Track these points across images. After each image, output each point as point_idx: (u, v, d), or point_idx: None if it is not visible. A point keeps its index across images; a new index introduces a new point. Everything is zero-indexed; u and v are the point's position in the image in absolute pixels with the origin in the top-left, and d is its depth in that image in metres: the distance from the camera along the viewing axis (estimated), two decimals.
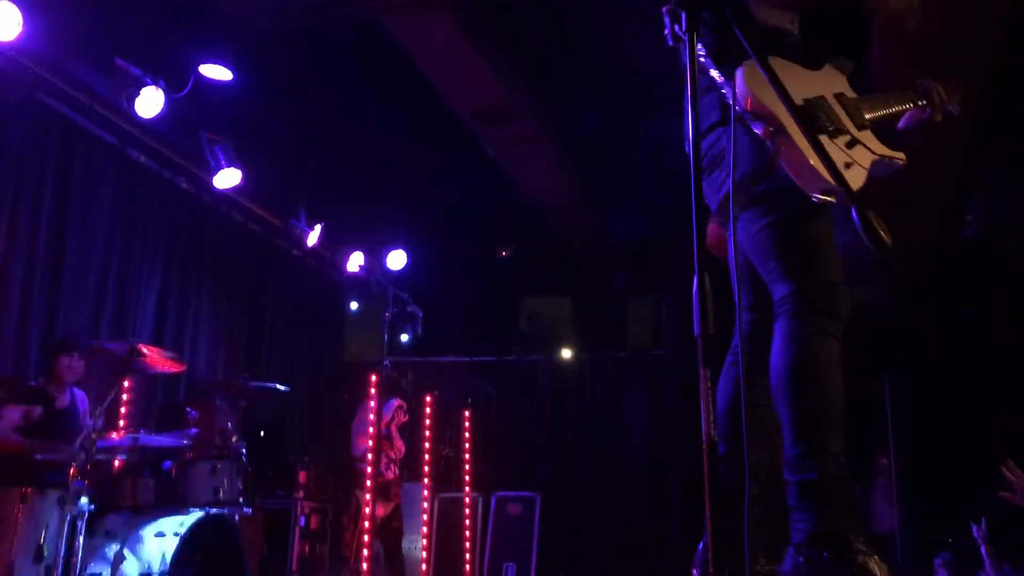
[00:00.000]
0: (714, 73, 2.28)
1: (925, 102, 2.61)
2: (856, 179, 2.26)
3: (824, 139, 2.25)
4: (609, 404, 9.72)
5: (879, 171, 2.34)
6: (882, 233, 1.64)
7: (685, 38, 1.68)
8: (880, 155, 2.35)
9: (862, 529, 2.13)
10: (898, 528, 7.79)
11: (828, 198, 2.19)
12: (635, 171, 7.46)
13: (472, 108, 6.63)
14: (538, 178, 7.83)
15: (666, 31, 1.78)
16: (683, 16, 1.66)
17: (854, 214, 1.64)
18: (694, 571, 2.39)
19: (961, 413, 7.60)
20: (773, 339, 2.33)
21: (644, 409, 9.52)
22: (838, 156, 2.24)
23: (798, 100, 2.25)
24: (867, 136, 2.38)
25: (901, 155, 2.40)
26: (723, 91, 2.28)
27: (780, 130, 2.18)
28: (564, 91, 6.51)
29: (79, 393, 5.35)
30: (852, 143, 2.33)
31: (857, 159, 2.31)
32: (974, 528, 6.68)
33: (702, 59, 2.28)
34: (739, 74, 2.25)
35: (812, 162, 2.14)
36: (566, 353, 10.09)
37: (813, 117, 2.28)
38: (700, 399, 1.62)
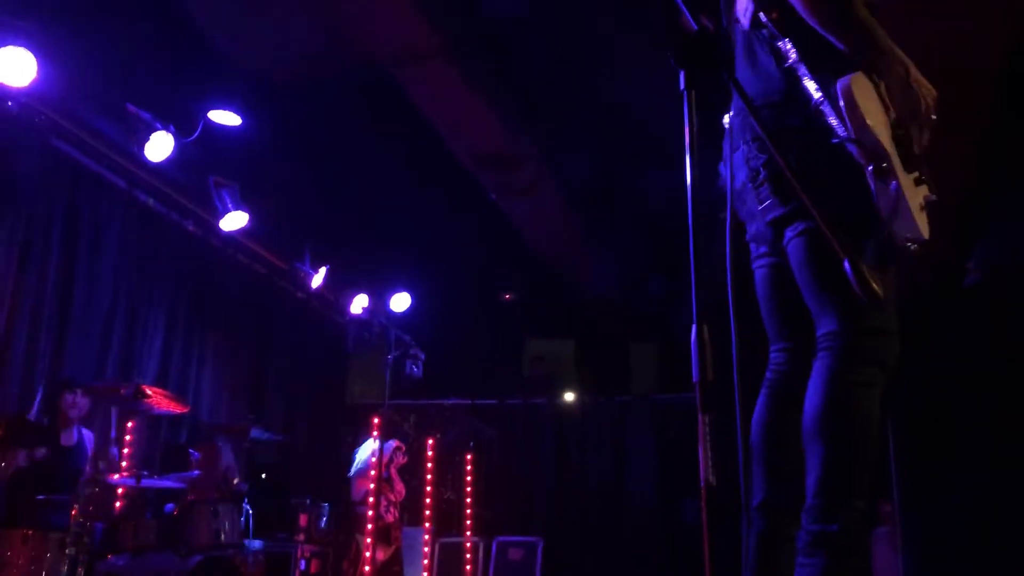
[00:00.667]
0: (810, 84, 2.13)
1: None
2: (926, 226, 2.17)
3: (909, 178, 2.16)
4: (612, 448, 9.69)
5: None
6: (874, 285, 1.66)
7: (684, 94, 1.72)
8: (929, 192, 2.24)
9: None
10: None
11: (914, 247, 2.13)
12: (638, 215, 7.52)
13: (476, 154, 6.72)
14: (541, 222, 7.90)
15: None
16: (681, 75, 1.69)
17: (847, 266, 1.66)
18: None
19: (966, 461, 7.57)
20: (812, 375, 2.21)
21: (648, 453, 9.48)
22: (916, 199, 2.16)
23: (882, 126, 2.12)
24: (922, 167, 2.27)
25: (934, 190, 2.30)
26: (821, 107, 2.10)
27: (891, 168, 2.05)
28: (567, 137, 6.60)
29: (87, 433, 5.37)
30: (920, 181, 2.21)
31: (923, 201, 2.20)
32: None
33: (794, 63, 2.14)
34: (844, 89, 2.09)
35: (914, 212, 2.08)
36: (569, 396, 10.08)
37: (903, 148, 2.15)
38: (699, 444, 1.64)
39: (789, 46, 2.19)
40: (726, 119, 2.44)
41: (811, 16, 2.16)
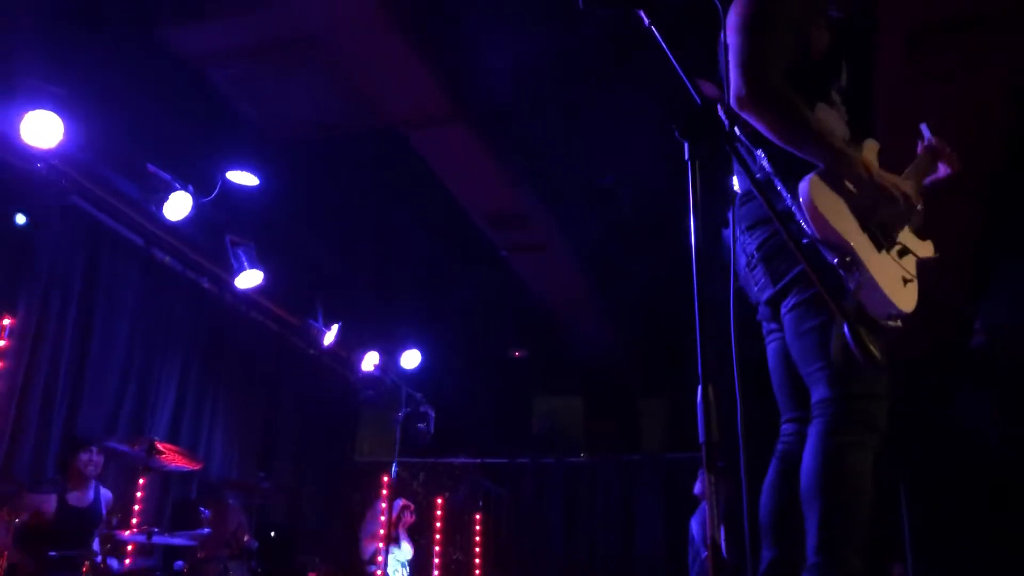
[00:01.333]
0: (779, 187, 2.29)
1: (940, 159, 2.64)
2: (912, 299, 2.28)
3: (884, 256, 2.28)
4: (622, 507, 9.62)
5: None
6: (874, 350, 1.70)
7: (688, 164, 1.79)
8: (921, 257, 2.37)
9: None
10: None
11: (896, 323, 2.23)
12: (646, 274, 7.60)
13: (486, 213, 6.84)
14: (550, 280, 7.99)
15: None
16: (686, 146, 1.77)
17: (846, 330, 1.70)
18: None
19: (977, 521, 7.50)
20: (807, 442, 2.30)
21: (657, 512, 9.41)
22: (897, 272, 2.28)
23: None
24: (909, 236, 2.40)
25: (931, 248, 2.41)
26: (791, 208, 2.26)
27: (855, 260, 2.17)
28: (576, 198, 6.72)
29: (104, 492, 5.34)
30: (903, 252, 2.34)
31: (909, 270, 2.32)
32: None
33: (767, 169, 2.31)
34: (805, 191, 2.23)
35: (885, 288, 2.19)
36: (578, 455, 10.04)
37: (875, 229, 2.28)
38: (707, 502, 1.68)
39: (761, 154, 2.34)
40: (735, 181, 2.54)
41: (770, 133, 2.32)
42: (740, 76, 2.31)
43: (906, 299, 2.26)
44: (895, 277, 2.27)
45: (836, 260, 2.18)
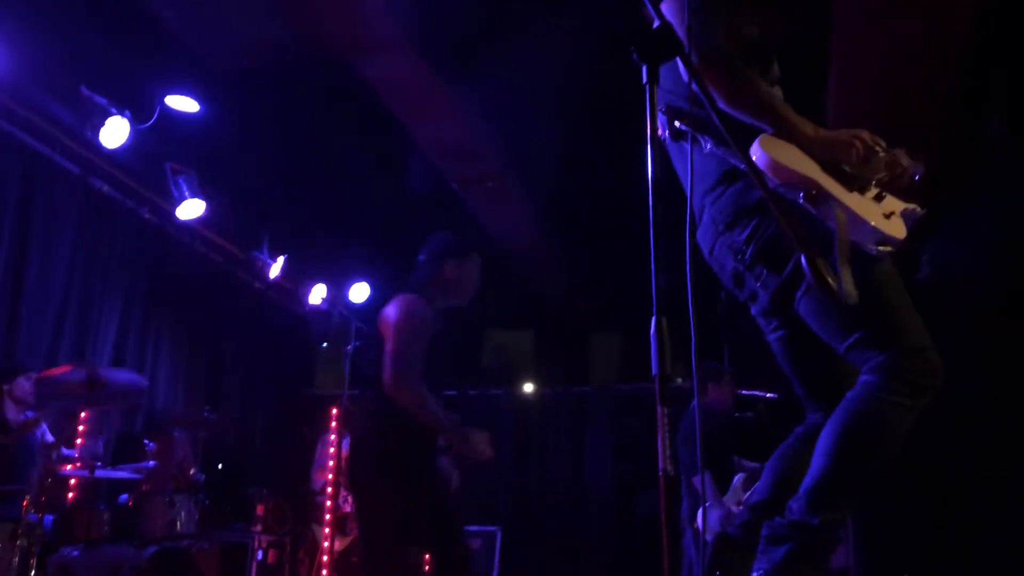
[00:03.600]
0: (733, 160, 2.27)
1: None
2: (899, 228, 2.21)
3: (857, 194, 2.23)
4: (572, 439, 9.75)
5: (906, 223, 2.29)
6: (831, 281, 1.68)
7: (646, 88, 1.74)
8: (906, 206, 2.30)
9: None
10: (852, 564, 7.87)
11: (887, 249, 2.16)
12: (600, 207, 7.56)
13: (438, 145, 6.71)
14: (501, 214, 7.91)
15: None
16: (644, 69, 1.71)
17: (804, 263, 1.68)
18: None
19: (916, 452, 7.74)
20: (851, 391, 2.22)
21: (607, 445, 9.56)
22: (876, 207, 2.23)
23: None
24: (884, 190, 2.34)
25: (916, 204, 2.34)
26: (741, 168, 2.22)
27: (821, 192, 2.13)
28: (531, 129, 6.61)
29: (41, 423, 5.26)
30: (880, 196, 2.28)
31: (892, 209, 2.25)
32: None
33: (713, 149, 2.28)
34: (756, 147, 2.20)
35: (863, 214, 2.13)
36: (528, 387, 10.11)
37: (842, 175, 2.23)
38: (658, 435, 1.66)
39: (707, 137, 2.31)
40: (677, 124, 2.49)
41: (720, 96, 2.27)
42: (689, 41, 2.25)
43: (894, 228, 2.19)
44: (874, 210, 2.22)
45: (801, 197, 2.12)
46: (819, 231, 2.12)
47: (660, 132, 2.44)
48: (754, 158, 2.18)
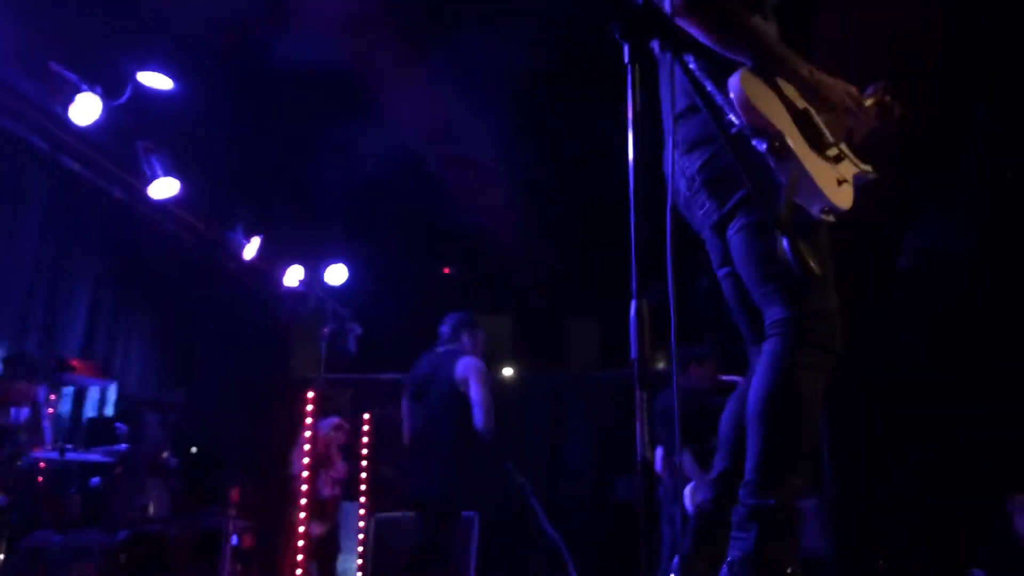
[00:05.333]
0: (708, 87, 2.20)
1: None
2: (847, 198, 2.22)
3: (817, 155, 2.22)
4: (550, 424, 9.74)
5: (856, 184, 2.29)
6: (812, 263, 1.66)
7: (628, 68, 1.70)
8: (860, 169, 2.30)
9: (798, 557, 2.16)
10: (830, 551, 7.93)
11: (828, 217, 2.17)
12: (579, 189, 7.53)
13: (415, 125, 6.64)
14: (480, 196, 7.86)
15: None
16: (625, 48, 1.67)
17: (785, 243, 1.66)
18: None
19: (893, 436, 7.78)
20: (760, 360, 2.28)
21: (586, 430, 9.55)
22: (831, 172, 2.22)
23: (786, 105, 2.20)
24: (846, 148, 2.33)
25: (870, 167, 2.35)
26: (723, 107, 2.18)
27: (784, 146, 2.11)
28: (508, 108, 6.55)
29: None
30: (840, 158, 2.27)
31: (845, 175, 2.25)
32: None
33: (695, 72, 2.18)
34: (735, 83, 2.17)
35: (817, 180, 2.12)
36: (506, 372, 10.09)
37: (810, 130, 2.22)
38: (636, 420, 1.63)
39: (690, 57, 2.23)
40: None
41: (707, 36, 2.26)
42: None
43: (842, 197, 2.19)
44: (829, 175, 2.20)
45: (765, 146, 2.10)
46: (769, 181, 2.12)
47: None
48: (731, 92, 2.17)
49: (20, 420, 5.15)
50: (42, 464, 5.39)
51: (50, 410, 5.74)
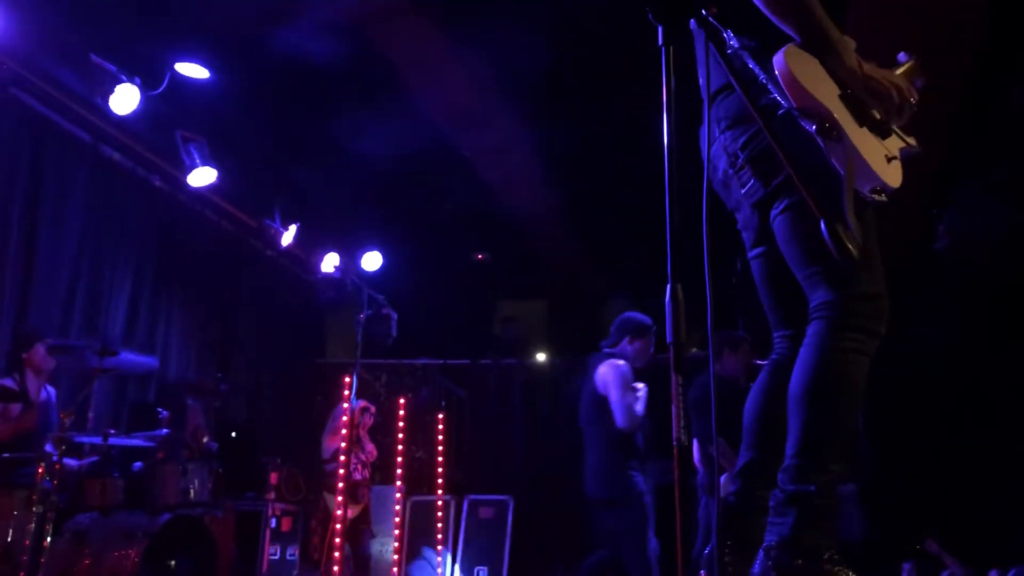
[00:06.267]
0: (751, 64, 2.13)
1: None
2: (896, 175, 2.16)
3: (866, 131, 2.16)
4: None
5: (901, 158, 2.23)
6: (851, 246, 1.65)
7: (662, 50, 1.69)
8: (905, 143, 2.24)
9: (836, 543, 2.13)
10: (865, 534, 7.88)
11: (880, 197, 2.12)
12: (614, 175, 7.49)
13: (448, 111, 6.64)
14: (514, 181, 7.85)
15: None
16: (660, 30, 1.66)
17: (823, 226, 1.65)
18: (701, 572, 2.42)
19: (928, 421, 7.69)
20: (804, 343, 2.23)
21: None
22: (880, 148, 2.16)
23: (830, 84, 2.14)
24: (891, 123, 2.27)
25: (914, 140, 2.27)
26: (767, 85, 2.11)
27: (836, 126, 2.05)
28: (542, 97, 6.53)
29: (51, 390, 5.28)
30: (887, 132, 2.21)
31: (893, 151, 2.19)
32: (928, 547, 6.80)
33: (731, 52, 2.13)
34: (780, 61, 2.09)
35: (869, 160, 2.07)
36: (540, 357, 10.10)
37: (859, 107, 2.16)
38: (672, 404, 1.63)
39: (730, 34, 2.17)
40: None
41: (768, 6, 2.16)
42: None
43: (892, 175, 2.14)
44: (879, 153, 2.15)
45: (815, 127, 2.05)
46: (819, 161, 2.06)
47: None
48: (776, 71, 2.10)
49: (54, 401, 5.26)
50: (86, 448, 5.52)
51: (94, 395, 5.86)
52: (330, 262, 7.65)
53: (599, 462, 5.05)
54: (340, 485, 6.46)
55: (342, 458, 6.62)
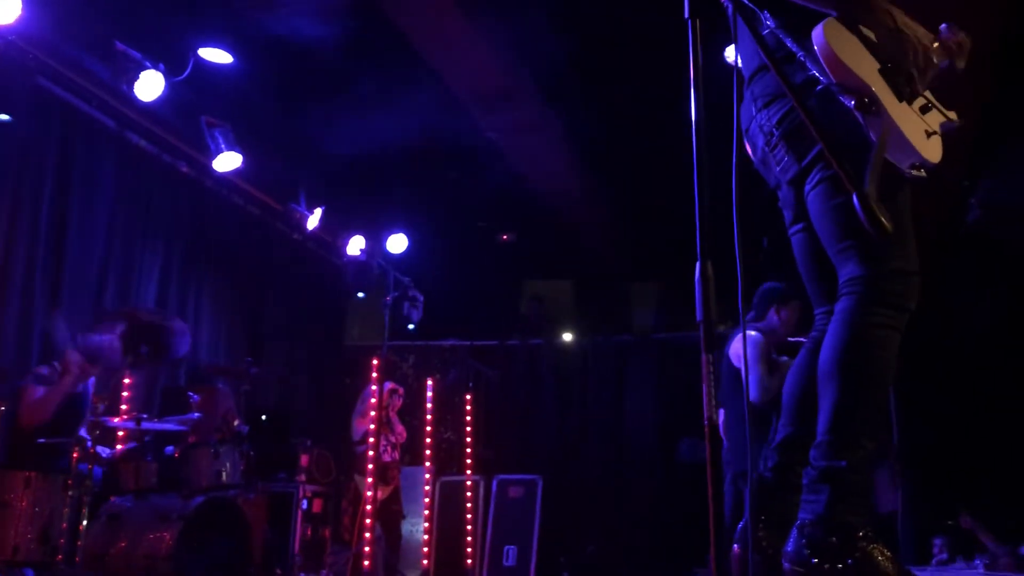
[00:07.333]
0: (791, 42, 2.11)
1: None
2: (936, 150, 2.15)
3: (905, 105, 2.15)
4: (612, 387, 9.72)
5: (941, 133, 2.21)
6: (883, 219, 1.62)
7: (688, 23, 1.66)
8: (946, 117, 2.22)
9: (869, 519, 2.12)
10: (899, 509, 7.82)
11: (919, 173, 2.10)
12: (640, 154, 7.43)
13: (473, 91, 6.61)
14: (540, 161, 7.81)
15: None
16: (686, 2, 1.63)
17: (855, 200, 1.62)
18: (735, 546, 2.41)
19: (962, 397, 7.60)
20: (833, 318, 2.22)
21: (648, 393, 9.52)
22: (919, 123, 2.15)
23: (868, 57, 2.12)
24: (931, 96, 2.25)
25: (955, 114, 2.25)
26: (805, 61, 2.09)
27: (874, 100, 2.03)
28: (568, 76, 6.48)
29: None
30: (927, 108, 2.20)
31: (933, 126, 2.18)
32: (963, 521, 6.70)
33: (766, 32, 2.11)
34: (819, 37, 2.08)
35: (909, 136, 2.06)
36: (567, 336, 10.10)
37: (898, 82, 2.14)
38: (703, 383, 1.62)
39: (766, 14, 2.16)
40: (729, 52, 2.41)
41: None
42: None
43: (931, 150, 2.12)
44: (918, 127, 2.13)
45: (854, 103, 2.02)
46: (856, 136, 2.04)
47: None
48: (815, 47, 2.08)
49: (91, 389, 5.31)
50: (120, 433, 5.59)
51: (127, 380, 5.93)
52: (356, 245, 7.67)
53: (732, 438, 4.97)
54: (370, 467, 6.51)
55: (372, 440, 6.67)
